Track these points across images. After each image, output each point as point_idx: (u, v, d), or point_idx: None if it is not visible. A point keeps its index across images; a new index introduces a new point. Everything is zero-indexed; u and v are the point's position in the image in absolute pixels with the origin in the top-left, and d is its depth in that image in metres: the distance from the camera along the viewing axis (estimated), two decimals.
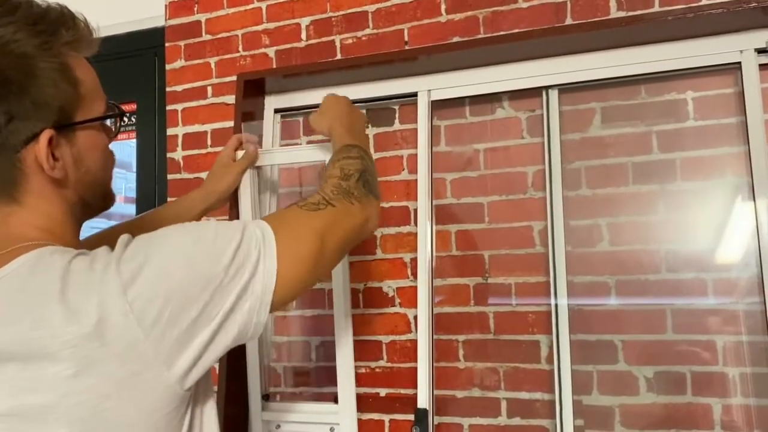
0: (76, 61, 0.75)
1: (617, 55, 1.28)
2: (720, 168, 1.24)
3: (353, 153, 1.00)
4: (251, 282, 0.71)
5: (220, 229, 0.73)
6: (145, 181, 1.79)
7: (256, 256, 0.72)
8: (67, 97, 0.73)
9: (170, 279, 0.67)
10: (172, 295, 0.66)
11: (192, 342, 0.67)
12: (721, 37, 1.22)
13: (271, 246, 0.74)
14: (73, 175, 0.75)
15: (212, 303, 0.68)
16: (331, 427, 1.31)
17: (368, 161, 1.01)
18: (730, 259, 1.22)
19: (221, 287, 0.69)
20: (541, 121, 1.35)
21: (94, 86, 0.77)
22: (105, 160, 0.80)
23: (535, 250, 1.33)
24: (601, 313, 1.28)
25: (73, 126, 0.74)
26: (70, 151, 0.74)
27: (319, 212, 0.83)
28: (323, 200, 0.86)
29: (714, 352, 1.20)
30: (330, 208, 0.85)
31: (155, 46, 1.76)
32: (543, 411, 1.28)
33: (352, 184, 0.92)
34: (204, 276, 0.68)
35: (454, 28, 1.42)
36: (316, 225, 0.81)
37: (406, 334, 1.39)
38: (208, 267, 0.69)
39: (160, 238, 0.71)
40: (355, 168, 0.96)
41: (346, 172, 0.94)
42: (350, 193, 0.90)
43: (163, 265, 0.67)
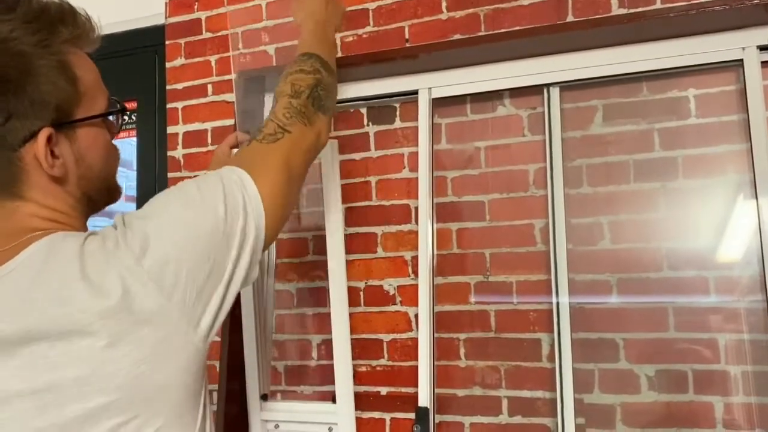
0: (76, 57, 0.75)
1: (619, 53, 1.27)
2: (722, 166, 1.24)
3: (307, 65, 1.01)
4: (246, 225, 0.75)
5: (201, 184, 0.75)
6: (146, 179, 1.78)
7: (242, 200, 0.76)
8: (66, 95, 0.73)
9: (176, 242, 0.69)
10: (182, 256, 0.69)
11: (212, 297, 0.71)
12: (723, 34, 1.21)
13: (250, 186, 0.77)
14: (74, 172, 0.75)
15: (220, 254, 0.72)
16: (329, 427, 1.31)
17: (324, 74, 1.02)
18: (731, 257, 1.22)
19: (224, 237, 0.73)
20: (542, 118, 1.35)
21: (95, 83, 0.78)
22: (107, 156, 0.80)
23: (536, 248, 1.33)
24: (602, 311, 1.27)
25: (73, 123, 0.74)
26: (70, 149, 0.74)
27: (278, 142, 0.87)
28: (279, 128, 0.89)
29: (716, 350, 1.20)
30: (287, 136, 0.88)
31: (155, 44, 1.76)
32: (544, 409, 1.28)
33: (302, 102, 0.94)
34: (206, 231, 0.71)
35: (455, 25, 1.41)
36: (279, 155, 0.85)
37: (407, 333, 1.39)
38: (206, 222, 0.72)
39: (155, 207, 0.74)
40: (306, 84, 0.97)
41: (296, 89, 0.96)
42: (301, 113, 0.93)
43: (166, 231, 0.70)
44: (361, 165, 1.47)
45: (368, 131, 1.48)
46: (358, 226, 1.45)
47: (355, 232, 1.45)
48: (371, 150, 1.47)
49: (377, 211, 1.45)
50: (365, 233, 1.45)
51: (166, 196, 0.76)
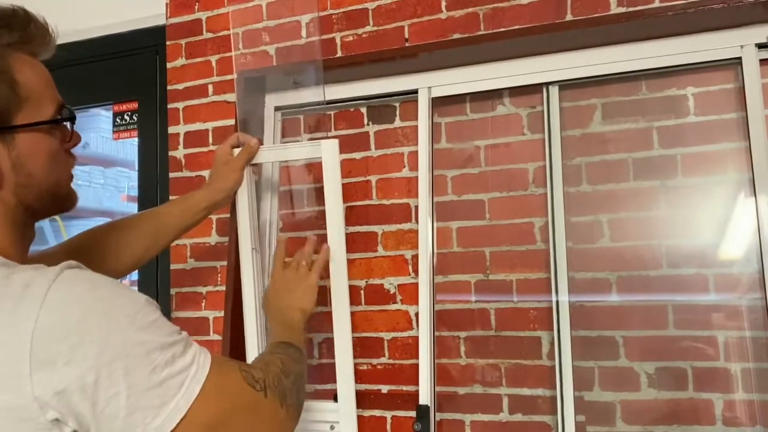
0: (20, 62, 0.73)
1: (617, 51, 1.28)
2: (721, 163, 1.24)
3: (291, 352, 0.97)
4: (152, 404, 0.65)
5: (165, 329, 0.68)
6: (147, 179, 1.79)
7: (177, 386, 0.67)
8: (3, 100, 0.70)
9: (87, 332, 0.62)
10: (80, 347, 0.62)
11: (71, 399, 0.62)
12: (721, 32, 1.22)
13: (197, 384, 0.68)
14: (11, 180, 0.72)
15: (107, 386, 0.63)
16: (331, 425, 1.31)
17: (304, 366, 0.98)
18: (731, 254, 1.22)
19: (125, 380, 0.63)
20: (541, 117, 1.35)
21: (42, 89, 0.75)
22: (52, 164, 0.76)
23: (536, 246, 1.33)
24: (602, 308, 1.28)
25: (12, 129, 0.71)
26: (8, 155, 0.72)
27: (251, 389, 0.77)
28: (262, 382, 0.79)
29: (715, 347, 1.20)
30: (261, 395, 0.78)
31: (156, 44, 1.76)
32: (544, 407, 1.28)
33: (288, 386, 0.85)
34: (117, 352, 0.63)
35: (454, 24, 1.41)
36: (238, 398, 0.75)
37: (408, 331, 1.39)
38: (127, 346, 0.64)
39: (103, 288, 0.67)
40: (293, 370, 0.90)
41: (286, 368, 0.88)
42: (284, 395, 0.83)
43: (90, 315, 0.63)
44: (362, 164, 1.48)
45: (368, 130, 1.48)
46: (358, 225, 1.46)
47: (356, 231, 1.45)
48: (371, 149, 1.47)
49: (377, 210, 1.45)
50: (366, 232, 1.45)
51: (118, 294, 0.67)
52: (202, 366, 0.70)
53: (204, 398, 0.68)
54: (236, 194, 1.31)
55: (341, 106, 1.50)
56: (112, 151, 2.95)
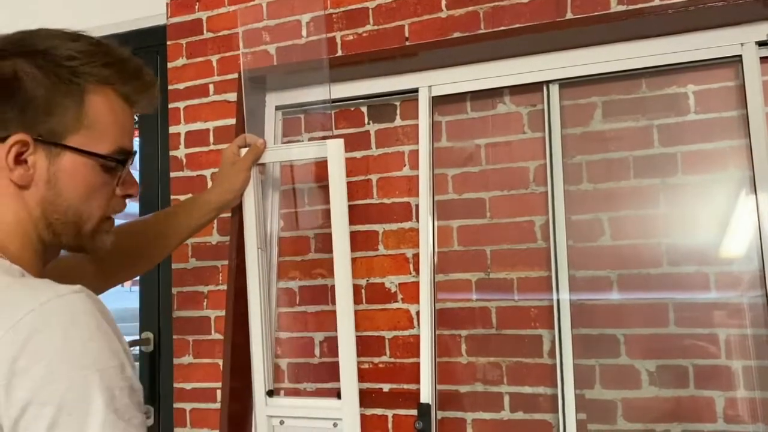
0: (98, 93, 0.75)
1: (618, 50, 1.28)
2: (721, 161, 1.24)
3: None
4: None
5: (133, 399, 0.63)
6: (148, 179, 1.79)
7: None
8: (64, 117, 0.72)
9: (62, 373, 0.59)
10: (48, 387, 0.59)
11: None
12: (721, 30, 1.22)
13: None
14: (39, 190, 0.73)
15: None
16: (334, 423, 1.31)
17: None
18: (731, 252, 1.22)
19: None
20: (542, 115, 1.35)
21: (112, 127, 0.76)
22: (88, 194, 0.76)
23: (536, 244, 1.33)
24: (602, 307, 1.28)
25: (59, 146, 0.73)
26: (47, 168, 0.73)
27: None
28: None
29: (716, 345, 1.20)
30: None
31: (157, 44, 1.76)
32: (546, 405, 1.29)
33: None
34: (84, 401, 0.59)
35: (454, 23, 1.41)
36: None
37: (409, 330, 1.40)
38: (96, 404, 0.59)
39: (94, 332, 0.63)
40: None
41: None
42: None
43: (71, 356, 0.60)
44: (362, 163, 1.48)
45: (369, 129, 1.48)
46: (359, 224, 1.46)
47: (357, 230, 1.45)
48: (372, 148, 1.48)
49: (378, 209, 1.45)
50: (366, 231, 1.46)
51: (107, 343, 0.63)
52: None
53: None
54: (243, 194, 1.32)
55: (342, 105, 1.50)
56: None
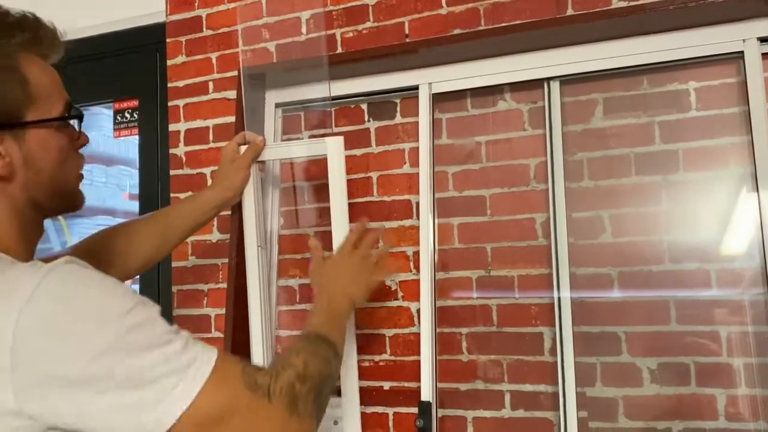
0: (29, 62, 0.75)
1: (619, 46, 1.27)
2: (723, 158, 1.23)
3: (322, 350, 0.89)
4: (143, 406, 0.64)
5: (157, 325, 0.67)
6: (148, 177, 1.79)
7: (175, 381, 0.66)
8: (15, 97, 0.72)
9: (71, 332, 0.62)
10: (62, 345, 0.62)
11: (48, 395, 0.62)
12: (723, 26, 1.21)
13: (196, 381, 0.67)
14: (21, 174, 0.74)
15: (90, 385, 0.62)
16: (334, 420, 1.31)
17: (333, 366, 0.91)
18: (733, 249, 1.22)
19: (110, 381, 0.63)
20: (542, 112, 1.35)
21: (51, 88, 0.77)
22: (61, 161, 0.78)
23: (537, 242, 1.33)
24: (603, 304, 1.27)
25: (23, 126, 0.73)
26: (19, 150, 0.73)
27: (252, 393, 0.73)
28: (266, 389, 0.74)
29: (718, 343, 1.20)
30: (264, 401, 0.73)
31: (157, 42, 1.76)
32: (547, 403, 1.28)
33: (304, 393, 0.79)
34: (102, 354, 0.63)
35: (454, 20, 1.41)
36: (238, 398, 0.71)
37: (409, 328, 1.39)
38: (111, 349, 0.63)
39: (92, 286, 0.66)
40: (317, 371, 0.83)
41: (307, 371, 0.81)
42: (295, 403, 0.77)
43: (76, 313, 0.63)
44: (362, 161, 1.47)
45: (369, 127, 1.48)
46: None
47: None
48: (372, 146, 1.47)
49: (378, 207, 1.45)
50: (367, 229, 1.45)
51: (106, 293, 0.67)
52: (200, 367, 0.68)
53: (200, 400, 0.66)
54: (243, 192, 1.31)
55: (342, 103, 1.50)
56: (114, 150, 2.95)
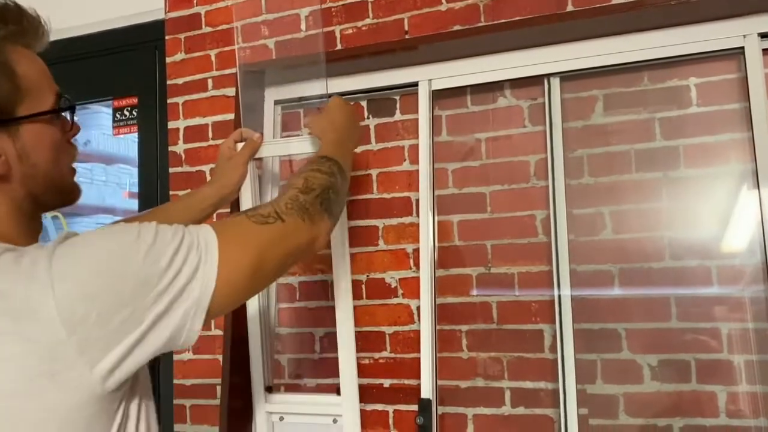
0: (17, 55, 0.73)
1: (619, 42, 1.27)
2: (723, 154, 1.23)
3: (325, 167, 0.97)
4: (188, 286, 0.70)
5: (160, 231, 0.71)
6: (147, 175, 1.78)
7: (196, 262, 0.71)
8: (5, 93, 0.71)
9: (102, 278, 0.65)
10: (102, 294, 0.65)
11: (119, 343, 0.66)
12: (723, 22, 1.21)
13: (212, 253, 0.72)
14: (18, 170, 0.73)
15: (144, 305, 0.67)
16: (334, 419, 1.31)
17: (339, 179, 0.97)
18: (733, 246, 1.22)
19: (155, 289, 0.67)
20: (542, 109, 1.34)
21: (41, 80, 0.76)
22: (56, 154, 0.77)
23: (537, 239, 1.33)
24: (604, 301, 1.27)
25: (16, 121, 0.72)
26: (13, 146, 0.73)
27: (266, 226, 0.81)
28: (274, 213, 0.83)
29: (718, 339, 1.20)
30: (278, 224, 0.82)
31: (156, 39, 1.75)
32: (547, 400, 1.28)
33: (310, 199, 0.88)
34: (137, 278, 0.67)
35: (454, 16, 1.40)
36: (260, 238, 0.79)
37: (409, 325, 1.39)
38: (143, 269, 0.67)
39: (97, 236, 0.69)
40: (319, 183, 0.92)
41: (308, 185, 0.91)
42: (304, 209, 0.86)
43: (97, 266, 0.66)
44: (362, 158, 1.47)
45: (369, 124, 1.48)
46: (359, 219, 1.45)
47: (357, 225, 1.45)
48: (372, 143, 1.47)
49: (378, 204, 1.45)
50: (366, 226, 1.45)
51: (125, 226, 0.71)
52: (206, 247, 0.73)
53: (225, 265, 0.73)
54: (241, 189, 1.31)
55: None
56: (114, 148, 2.95)
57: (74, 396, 0.64)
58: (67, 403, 0.64)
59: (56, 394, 0.63)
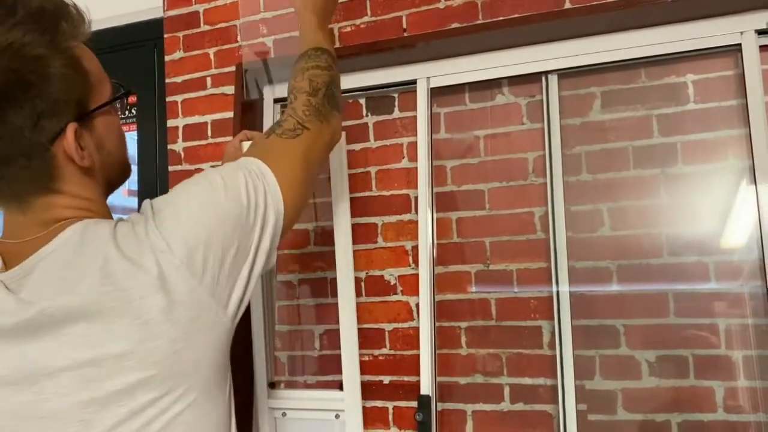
0: (81, 51, 0.77)
1: (616, 39, 1.27)
2: (721, 151, 1.24)
3: (323, 61, 1.03)
4: (267, 212, 0.81)
5: (224, 173, 0.80)
6: (147, 173, 1.79)
7: (263, 190, 0.81)
8: (82, 89, 0.75)
9: (204, 227, 0.74)
10: (211, 240, 0.74)
11: (238, 278, 0.76)
12: (720, 18, 1.21)
13: (270, 177, 0.83)
14: (98, 160, 0.79)
15: (245, 238, 0.77)
16: (336, 414, 1.32)
17: (334, 69, 1.05)
18: (731, 242, 1.22)
19: (247, 222, 0.78)
20: (541, 106, 1.35)
21: (100, 71, 0.81)
22: (121, 138, 0.85)
23: (536, 236, 1.33)
24: (602, 297, 1.28)
25: (91, 114, 0.77)
26: (91, 138, 0.77)
27: (298, 138, 0.91)
28: (298, 125, 0.93)
29: (716, 335, 1.20)
30: (306, 132, 0.92)
31: (154, 37, 1.75)
32: (546, 396, 1.29)
33: (320, 101, 0.97)
34: (231, 216, 0.76)
35: (452, 14, 1.40)
36: (299, 151, 0.90)
37: (409, 322, 1.39)
38: (231, 208, 0.77)
39: (182, 193, 0.78)
40: (322, 81, 1.00)
41: (314, 86, 0.98)
42: (319, 111, 0.96)
43: (195, 217, 0.74)
44: (361, 155, 1.47)
45: (367, 122, 1.48)
46: (358, 217, 1.45)
47: (356, 223, 1.45)
48: (370, 140, 1.47)
49: (377, 202, 1.45)
50: (366, 224, 1.45)
51: (191, 184, 0.79)
52: (263, 176, 0.83)
53: (284, 185, 0.84)
54: None
55: None
56: None
57: (215, 336, 0.74)
58: (212, 343, 0.74)
59: (205, 335, 0.73)
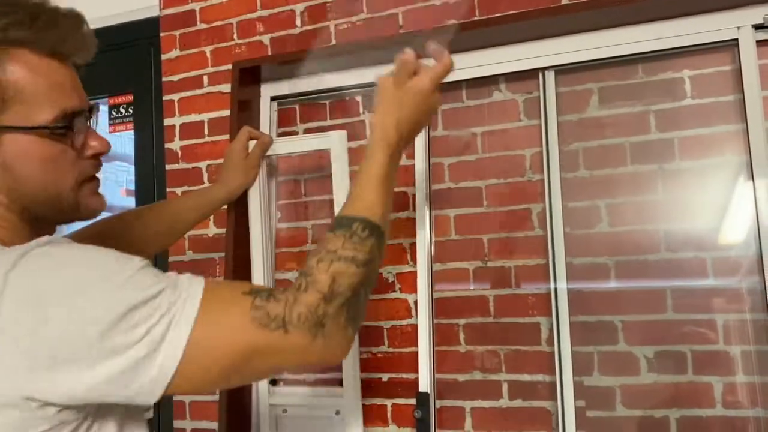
0: (16, 61, 0.68)
1: (613, 35, 1.27)
2: (718, 146, 1.23)
3: (363, 250, 0.76)
4: (137, 353, 0.62)
5: (139, 276, 0.64)
6: (144, 172, 1.79)
7: (163, 330, 0.63)
8: None
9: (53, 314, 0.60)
10: (49, 326, 0.60)
11: (61, 369, 0.60)
12: (717, 13, 1.21)
13: (185, 324, 0.64)
14: (5, 182, 0.69)
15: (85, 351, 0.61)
16: (336, 411, 1.32)
17: (376, 260, 0.78)
18: (729, 238, 1.22)
19: (102, 343, 0.61)
20: (538, 103, 1.35)
21: (40, 91, 0.69)
22: (47, 171, 0.71)
23: (533, 232, 1.33)
24: (600, 294, 1.28)
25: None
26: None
27: (265, 331, 0.67)
28: (281, 321, 0.68)
29: (715, 331, 1.20)
30: (279, 333, 0.68)
31: (151, 36, 1.75)
32: (544, 393, 1.29)
33: (332, 311, 0.71)
34: (91, 321, 0.61)
35: (449, 10, 1.40)
36: (251, 341, 0.67)
37: (407, 319, 1.39)
38: (97, 313, 0.61)
39: (70, 262, 0.64)
40: (349, 284, 0.73)
41: (334, 289, 0.72)
42: (321, 325, 0.70)
43: (52, 299, 0.61)
44: (358, 153, 1.47)
45: (364, 119, 1.48)
46: None
47: None
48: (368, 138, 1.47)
49: None
50: None
51: (100, 259, 0.65)
52: (183, 312, 0.64)
53: (192, 349, 0.63)
54: None
55: (337, 95, 1.50)
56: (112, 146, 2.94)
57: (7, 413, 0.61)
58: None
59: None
